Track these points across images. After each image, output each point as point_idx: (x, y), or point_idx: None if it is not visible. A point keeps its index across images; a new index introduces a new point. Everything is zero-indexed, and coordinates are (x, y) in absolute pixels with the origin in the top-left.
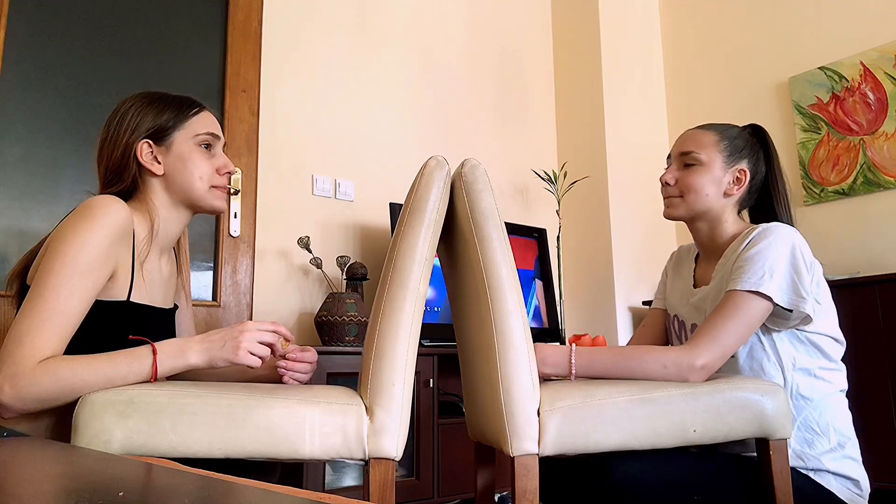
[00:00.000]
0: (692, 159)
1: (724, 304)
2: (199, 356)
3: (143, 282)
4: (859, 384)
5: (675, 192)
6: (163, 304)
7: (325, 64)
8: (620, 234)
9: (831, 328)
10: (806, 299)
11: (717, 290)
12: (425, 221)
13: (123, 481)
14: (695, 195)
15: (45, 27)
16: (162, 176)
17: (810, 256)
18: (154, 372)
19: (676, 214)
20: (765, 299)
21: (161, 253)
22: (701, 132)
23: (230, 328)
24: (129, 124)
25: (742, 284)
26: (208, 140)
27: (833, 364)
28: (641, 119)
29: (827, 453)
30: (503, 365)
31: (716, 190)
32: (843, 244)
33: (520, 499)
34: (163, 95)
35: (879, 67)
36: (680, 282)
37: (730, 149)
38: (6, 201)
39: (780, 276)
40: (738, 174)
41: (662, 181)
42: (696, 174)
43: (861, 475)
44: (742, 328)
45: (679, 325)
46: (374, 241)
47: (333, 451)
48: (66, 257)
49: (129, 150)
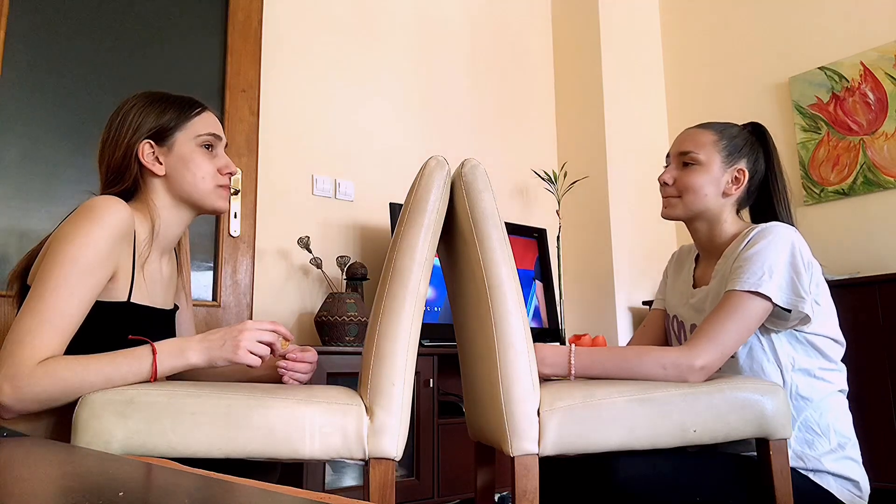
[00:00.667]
0: (691, 159)
1: (723, 305)
2: (198, 355)
3: (144, 282)
4: (859, 384)
5: (674, 191)
6: (163, 306)
7: (325, 64)
8: (620, 234)
9: (831, 329)
10: (805, 299)
11: (717, 290)
12: (425, 221)
13: (123, 481)
14: (693, 195)
15: (45, 27)
16: (163, 176)
17: (809, 256)
18: (154, 371)
19: (674, 214)
20: (764, 299)
21: (162, 254)
22: (700, 131)
23: (230, 328)
24: (130, 124)
25: (741, 285)
26: (210, 141)
27: (833, 365)
28: (641, 119)
29: (827, 454)
30: (503, 365)
31: (714, 190)
32: (843, 244)
33: (520, 499)
34: (165, 95)
35: (879, 67)
36: (680, 282)
37: (729, 148)
38: (6, 201)
39: (780, 275)
40: (737, 174)
41: (661, 181)
42: (695, 174)
43: (861, 476)
44: (741, 328)
45: (678, 326)
46: (374, 241)
47: (333, 451)
48: (67, 258)
49: (130, 151)
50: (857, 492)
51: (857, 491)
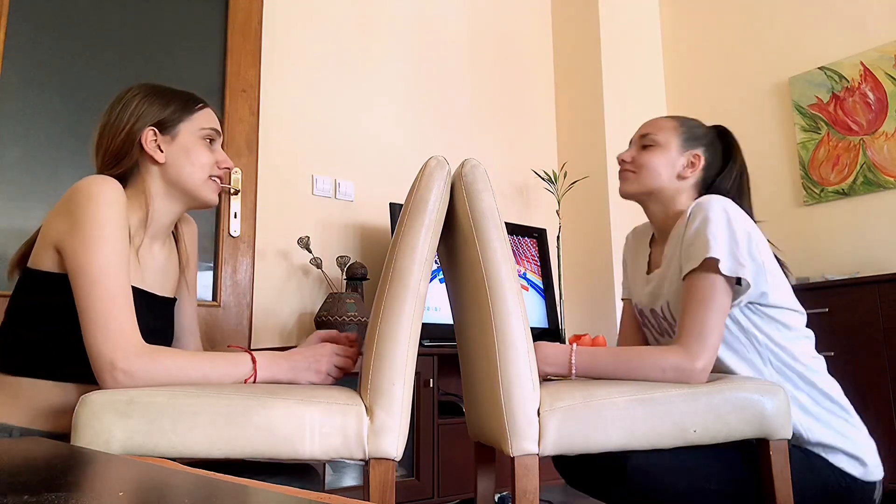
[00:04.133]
0: (650, 140)
1: (691, 294)
2: (285, 374)
3: (137, 266)
4: (859, 384)
5: (630, 167)
6: (159, 292)
7: (325, 64)
8: (620, 234)
9: (787, 299)
10: (745, 266)
11: (667, 274)
12: (425, 221)
13: (123, 481)
14: (647, 172)
15: (45, 27)
16: (162, 165)
17: (749, 224)
18: (253, 380)
19: (630, 190)
20: (721, 276)
21: (153, 241)
22: (662, 119)
23: (314, 352)
24: (133, 112)
25: (694, 262)
26: (212, 135)
27: (797, 333)
28: (641, 119)
29: (828, 420)
30: (503, 365)
31: (669, 171)
32: (843, 244)
33: (520, 499)
34: (167, 88)
35: (879, 67)
36: (637, 268)
37: (687, 134)
38: (6, 201)
39: (721, 243)
40: (693, 159)
41: (619, 159)
42: (652, 153)
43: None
44: (720, 313)
45: (639, 313)
46: (374, 241)
47: (333, 451)
48: (94, 232)
49: (132, 137)
50: (862, 468)
51: (863, 467)
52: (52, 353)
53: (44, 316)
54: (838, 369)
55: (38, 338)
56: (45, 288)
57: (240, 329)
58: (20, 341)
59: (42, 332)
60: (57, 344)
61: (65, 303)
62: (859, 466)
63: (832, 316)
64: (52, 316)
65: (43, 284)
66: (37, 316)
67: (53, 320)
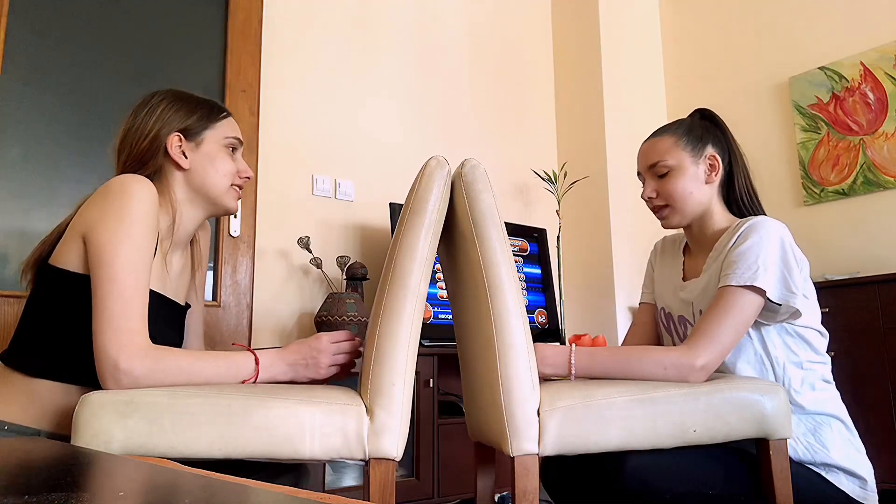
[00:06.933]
0: (662, 168)
1: (718, 302)
2: (285, 374)
3: (166, 273)
4: (859, 384)
5: (661, 202)
6: (173, 298)
7: (325, 64)
8: (620, 234)
9: (817, 322)
10: (795, 294)
11: (707, 283)
12: (425, 222)
13: (123, 481)
14: (682, 201)
15: (45, 27)
16: (186, 171)
17: (799, 252)
18: (255, 380)
19: (675, 223)
20: (758, 294)
21: (174, 248)
22: (656, 140)
23: (308, 346)
24: (160, 117)
25: (736, 280)
26: (235, 144)
27: (820, 357)
28: (641, 119)
29: (833, 444)
30: (503, 365)
31: (697, 185)
32: (843, 244)
33: (520, 499)
34: (192, 95)
35: (879, 67)
36: (667, 274)
37: (689, 142)
38: (6, 201)
39: (773, 271)
40: (711, 160)
41: (644, 198)
42: (673, 180)
43: (867, 472)
44: (738, 325)
45: (667, 318)
46: (374, 241)
47: (333, 451)
48: (123, 227)
49: (158, 141)
50: (865, 487)
51: (865, 487)
52: (73, 357)
53: (66, 318)
54: (838, 369)
55: (59, 340)
56: (67, 289)
57: (240, 329)
58: (39, 342)
59: (63, 335)
60: (79, 348)
61: (88, 305)
62: (859, 489)
63: (832, 316)
64: (75, 318)
65: (66, 285)
66: (58, 317)
67: (76, 323)
